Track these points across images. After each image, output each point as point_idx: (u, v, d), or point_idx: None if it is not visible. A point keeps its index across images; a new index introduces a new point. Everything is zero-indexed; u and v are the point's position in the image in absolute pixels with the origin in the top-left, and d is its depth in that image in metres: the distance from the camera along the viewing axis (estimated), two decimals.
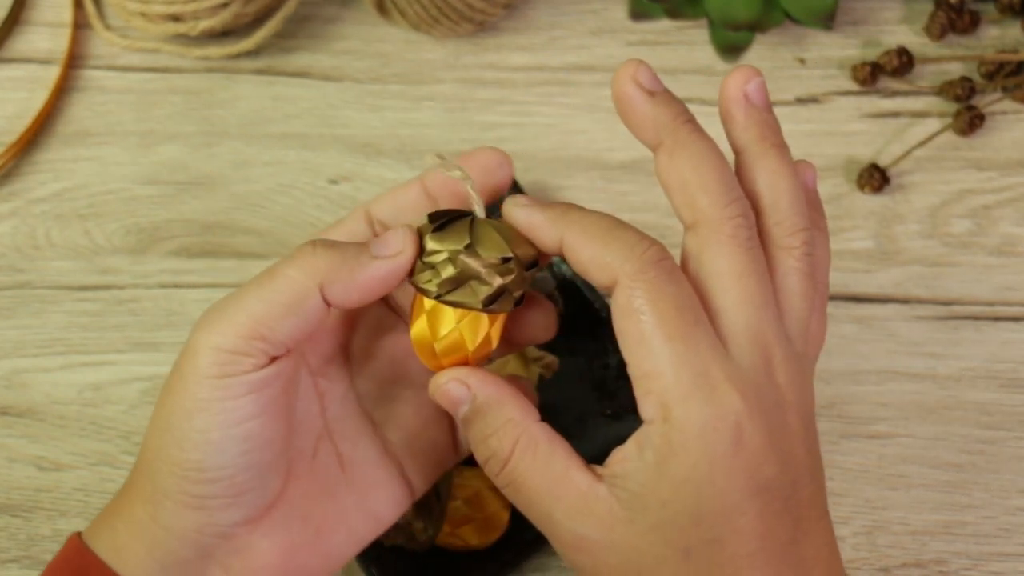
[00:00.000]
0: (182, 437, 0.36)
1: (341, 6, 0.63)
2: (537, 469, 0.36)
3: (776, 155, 0.39)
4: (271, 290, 0.36)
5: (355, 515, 0.41)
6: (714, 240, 0.37)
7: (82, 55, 0.63)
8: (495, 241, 0.36)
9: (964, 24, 0.61)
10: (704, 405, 0.35)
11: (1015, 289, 0.56)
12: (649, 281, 0.35)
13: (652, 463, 0.35)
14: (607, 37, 0.62)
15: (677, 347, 0.35)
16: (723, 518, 0.35)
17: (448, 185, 0.40)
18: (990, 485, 0.53)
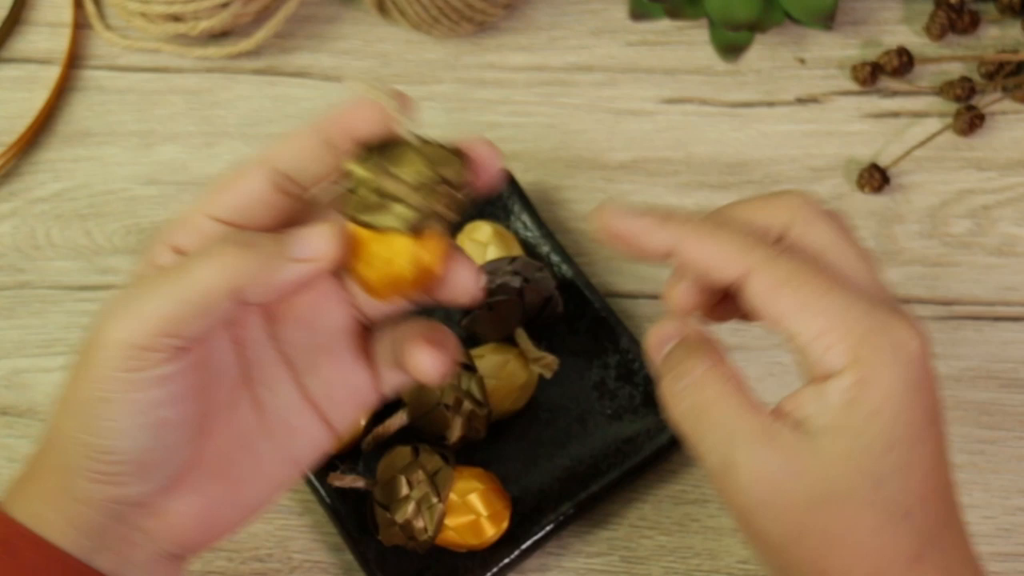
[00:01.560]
0: (90, 424, 0.36)
1: (341, 6, 0.63)
2: (721, 395, 0.38)
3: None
4: (184, 289, 0.35)
5: (273, 463, 0.40)
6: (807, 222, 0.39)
7: (82, 55, 0.63)
8: (418, 164, 0.35)
9: (964, 24, 0.61)
10: (889, 336, 0.37)
11: (1015, 289, 0.56)
12: (788, 258, 0.37)
13: (839, 403, 0.36)
14: (607, 37, 0.62)
15: (846, 295, 0.37)
16: (911, 445, 0.37)
17: (349, 130, 0.37)
18: (990, 485, 0.53)
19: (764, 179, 0.59)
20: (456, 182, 0.36)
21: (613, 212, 0.39)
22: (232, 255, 0.35)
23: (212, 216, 0.38)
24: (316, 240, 0.36)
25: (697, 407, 0.38)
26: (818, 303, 0.37)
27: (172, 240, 0.38)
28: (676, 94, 0.61)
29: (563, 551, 0.53)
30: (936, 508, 0.38)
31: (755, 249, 0.38)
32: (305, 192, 0.38)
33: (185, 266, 0.35)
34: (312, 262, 0.36)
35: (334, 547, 0.53)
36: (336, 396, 0.41)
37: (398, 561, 0.51)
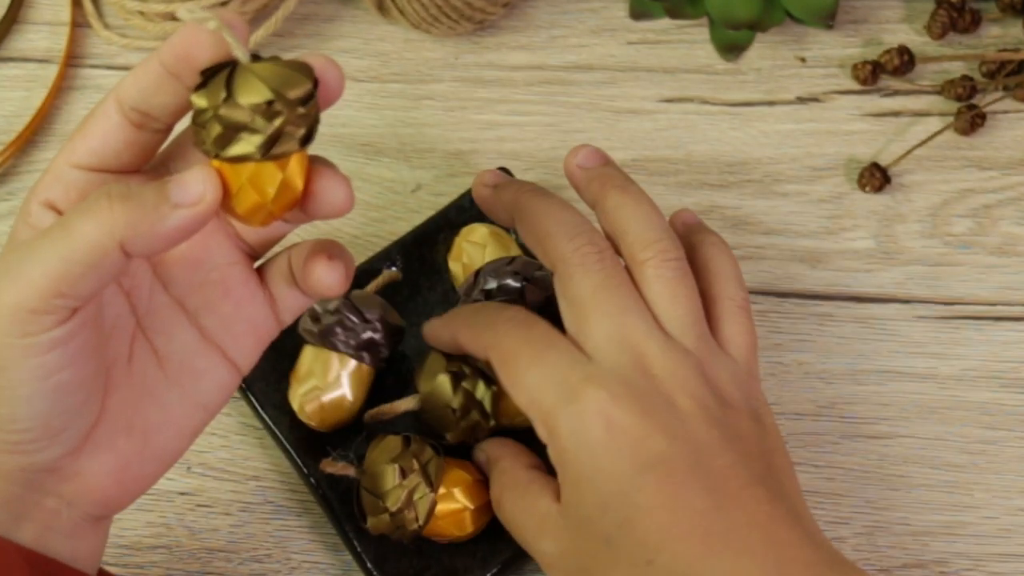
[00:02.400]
0: None
1: (340, 5, 0.63)
2: (516, 505, 0.43)
3: (616, 193, 0.45)
4: (68, 248, 0.34)
5: (181, 410, 0.40)
6: (566, 274, 0.43)
7: (81, 54, 0.63)
8: (255, 85, 0.34)
9: (965, 23, 0.61)
10: (568, 405, 0.39)
11: (1017, 289, 0.56)
12: (498, 339, 0.43)
13: (561, 477, 0.40)
14: (607, 36, 0.62)
15: (535, 372, 0.41)
16: (623, 498, 0.39)
17: (185, 55, 0.36)
18: (992, 485, 0.53)
19: (764, 178, 0.59)
20: (298, 98, 0.35)
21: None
22: (112, 209, 0.34)
23: (75, 164, 0.37)
24: (193, 183, 0.35)
25: (503, 518, 0.45)
26: (519, 379, 0.42)
27: (42, 195, 0.37)
28: (676, 93, 0.61)
29: None
30: (687, 545, 0.38)
31: (488, 329, 0.44)
32: (161, 124, 0.38)
33: (66, 224, 0.34)
34: (194, 206, 0.35)
35: (333, 547, 0.53)
36: (236, 331, 0.41)
37: (397, 561, 0.50)
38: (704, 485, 0.39)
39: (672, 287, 0.43)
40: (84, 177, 0.37)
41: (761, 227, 0.58)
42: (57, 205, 0.37)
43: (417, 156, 0.60)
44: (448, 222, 0.56)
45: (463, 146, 0.60)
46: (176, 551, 0.51)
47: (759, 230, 0.58)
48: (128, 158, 0.38)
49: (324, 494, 0.51)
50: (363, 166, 0.60)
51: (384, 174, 0.60)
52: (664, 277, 0.43)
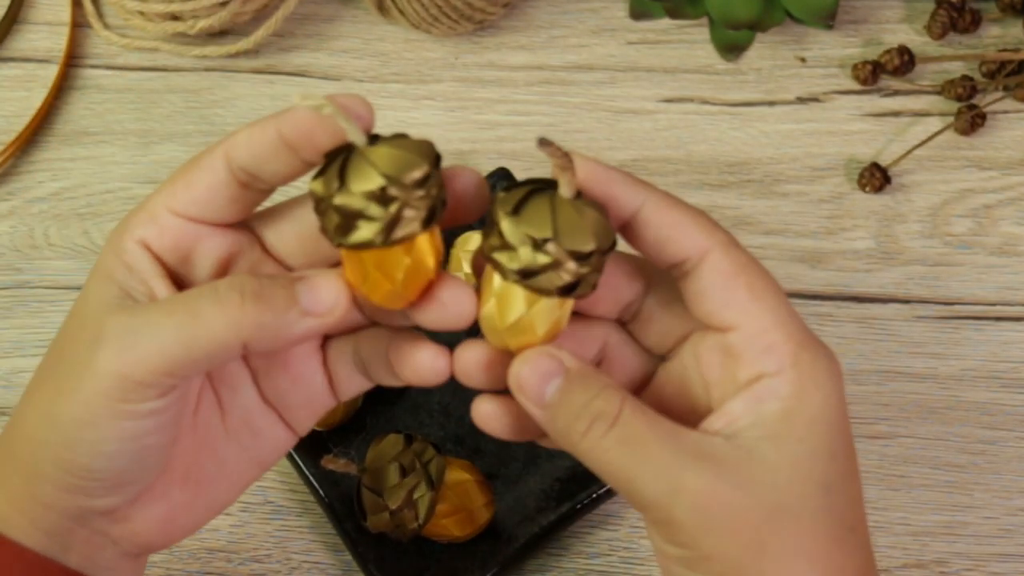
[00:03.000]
0: (72, 442, 0.35)
1: (340, 5, 0.63)
2: (648, 423, 0.35)
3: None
4: (191, 336, 0.34)
5: (236, 465, 0.40)
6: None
7: (81, 54, 0.63)
8: (367, 172, 0.34)
9: (965, 23, 0.61)
10: (822, 349, 0.36)
11: (1016, 289, 0.56)
12: (744, 250, 0.36)
13: (780, 409, 0.35)
14: (607, 36, 0.62)
15: (787, 303, 0.36)
16: (848, 456, 0.36)
17: (305, 131, 0.36)
18: (991, 485, 0.53)
19: (764, 178, 0.59)
20: (414, 181, 0.34)
21: (582, 159, 0.36)
22: (244, 308, 0.34)
23: (175, 211, 0.37)
24: (325, 292, 0.35)
25: (629, 444, 0.35)
26: (768, 299, 0.36)
27: (137, 233, 0.37)
28: (676, 93, 0.61)
29: (563, 551, 0.53)
30: (865, 527, 0.37)
31: (717, 231, 0.36)
32: (268, 186, 0.37)
33: (193, 309, 0.34)
34: (323, 317, 0.35)
35: (333, 547, 0.53)
36: (293, 401, 0.41)
37: (397, 561, 0.50)
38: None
39: None
40: (181, 225, 0.37)
41: (761, 227, 0.58)
42: (151, 246, 0.37)
43: None
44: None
45: (463, 146, 0.60)
46: (176, 551, 0.51)
47: (759, 230, 0.58)
48: (229, 214, 0.38)
49: (324, 494, 0.51)
50: None
51: None
52: None
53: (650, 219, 0.36)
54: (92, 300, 0.36)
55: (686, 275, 0.36)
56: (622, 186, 0.36)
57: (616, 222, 0.36)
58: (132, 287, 0.36)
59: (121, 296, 0.36)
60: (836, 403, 0.36)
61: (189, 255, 0.38)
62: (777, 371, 0.35)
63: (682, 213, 0.36)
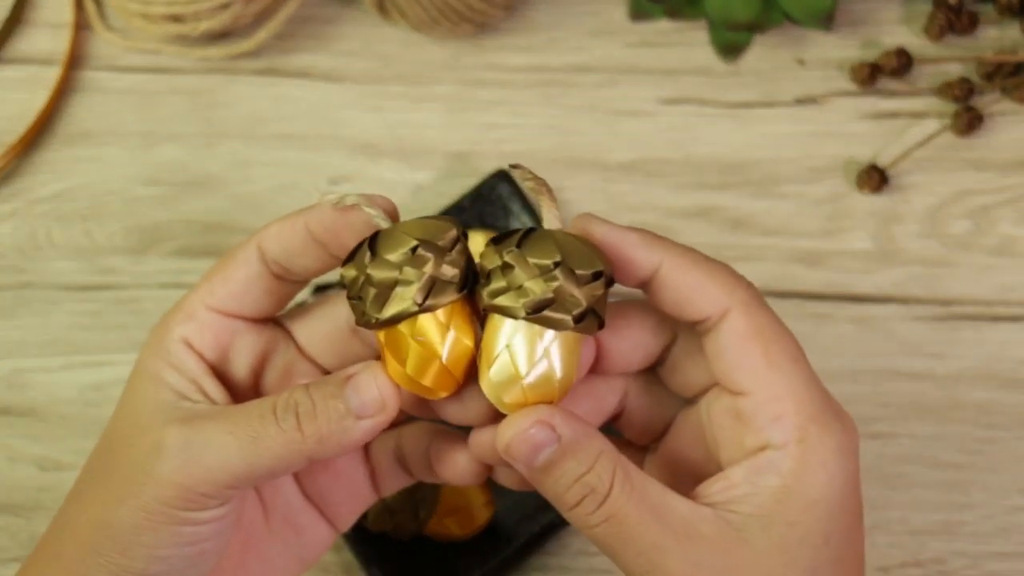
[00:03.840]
0: (128, 547, 0.35)
1: (341, 7, 0.63)
2: (637, 499, 0.34)
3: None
4: (255, 456, 0.35)
5: (280, 562, 0.40)
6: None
7: (83, 56, 0.63)
8: (399, 238, 0.34)
9: (963, 25, 0.61)
10: (838, 423, 0.35)
11: (1014, 289, 0.56)
12: (768, 310, 0.35)
13: (777, 486, 0.34)
14: (607, 38, 0.62)
15: (805, 370, 0.35)
16: (845, 539, 0.35)
17: (332, 228, 0.37)
18: (989, 485, 0.53)
19: (763, 180, 0.59)
20: (445, 244, 0.34)
21: (597, 220, 0.36)
22: (302, 431, 0.35)
23: (213, 308, 0.38)
24: (370, 392, 0.35)
25: (614, 524, 0.34)
26: (784, 366, 0.35)
27: (178, 333, 0.37)
28: (675, 95, 0.61)
29: (563, 551, 0.53)
30: None
31: (737, 289, 0.35)
32: (301, 279, 0.38)
33: (256, 433, 0.35)
34: (376, 416, 0.35)
35: (334, 547, 0.53)
36: (335, 498, 0.41)
37: (397, 561, 0.51)
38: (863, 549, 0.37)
39: None
40: (219, 321, 0.38)
41: (760, 228, 0.58)
42: (193, 344, 0.37)
43: (417, 157, 0.60)
44: None
45: (463, 147, 0.60)
46: None
47: (758, 231, 0.58)
48: (265, 307, 0.38)
49: None
50: (364, 167, 0.60)
51: (384, 175, 0.60)
52: None
53: (668, 280, 0.35)
54: (144, 404, 0.37)
55: (707, 332, 0.36)
56: (639, 248, 0.35)
57: (634, 282, 0.36)
58: (183, 388, 0.37)
59: (175, 399, 0.36)
60: (841, 483, 0.34)
61: (227, 352, 0.38)
62: (782, 444, 0.34)
63: (702, 272, 0.35)
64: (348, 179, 0.60)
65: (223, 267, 0.38)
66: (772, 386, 0.35)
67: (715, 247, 0.58)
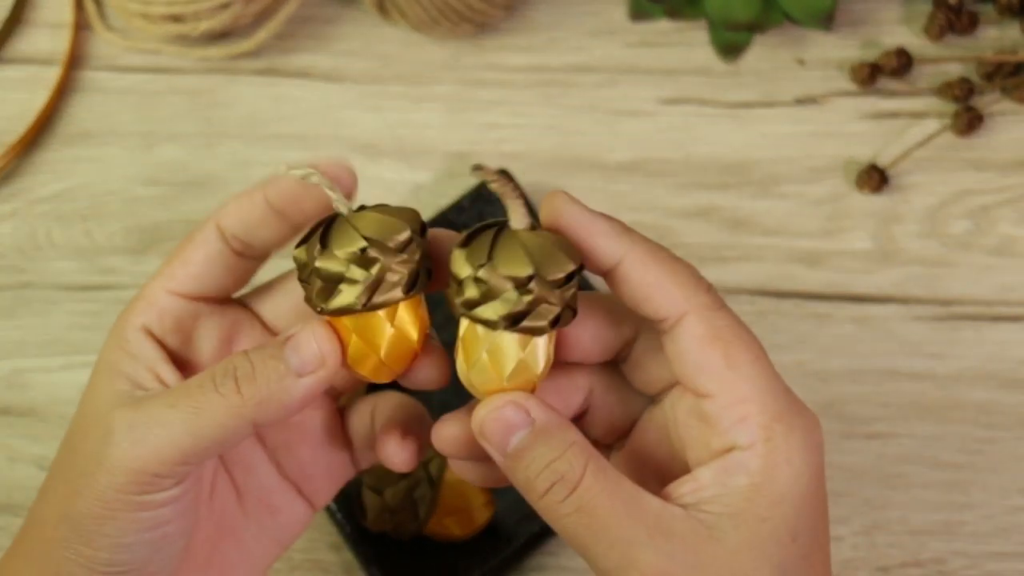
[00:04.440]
0: (91, 537, 0.35)
1: (341, 7, 0.63)
2: (609, 490, 0.34)
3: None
4: (198, 426, 0.34)
5: (257, 546, 0.40)
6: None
7: (83, 56, 0.63)
8: (349, 235, 0.34)
9: (963, 25, 0.61)
10: (800, 420, 0.35)
11: (1014, 289, 0.57)
12: (727, 311, 0.35)
13: (746, 485, 0.34)
14: (607, 38, 0.62)
15: (767, 369, 0.35)
16: (813, 535, 0.35)
17: (291, 197, 0.37)
18: (989, 485, 0.53)
19: (763, 179, 0.59)
20: (396, 244, 0.34)
21: (568, 201, 0.35)
22: (241, 393, 0.35)
23: (174, 291, 0.37)
24: (309, 347, 0.35)
25: (586, 514, 0.34)
26: (745, 368, 0.35)
27: (137, 321, 0.37)
28: (675, 95, 0.61)
29: (563, 551, 0.53)
30: None
31: (698, 292, 0.35)
32: (261, 254, 0.38)
33: (195, 401, 0.35)
34: (317, 372, 0.35)
35: (334, 547, 0.53)
36: (312, 473, 0.41)
37: (397, 560, 0.51)
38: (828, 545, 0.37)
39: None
40: (181, 305, 0.37)
41: (760, 228, 0.58)
42: (153, 331, 0.37)
43: (417, 157, 0.60)
44: (448, 223, 0.56)
45: (463, 147, 0.60)
46: None
47: (758, 231, 0.58)
48: (226, 285, 0.38)
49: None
50: (364, 167, 0.60)
51: (384, 175, 0.60)
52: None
53: (629, 275, 0.35)
54: (100, 395, 0.37)
55: (666, 333, 0.35)
56: (604, 238, 0.35)
57: (594, 269, 0.35)
58: (139, 376, 0.37)
59: (131, 388, 0.36)
60: (807, 480, 0.35)
61: (191, 335, 0.38)
62: (748, 444, 0.34)
63: (662, 271, 0.35)
64: None
65: (181, 250, 0.38)
66: (735, 388, 0.34)
67: (715, 247, 0.58)
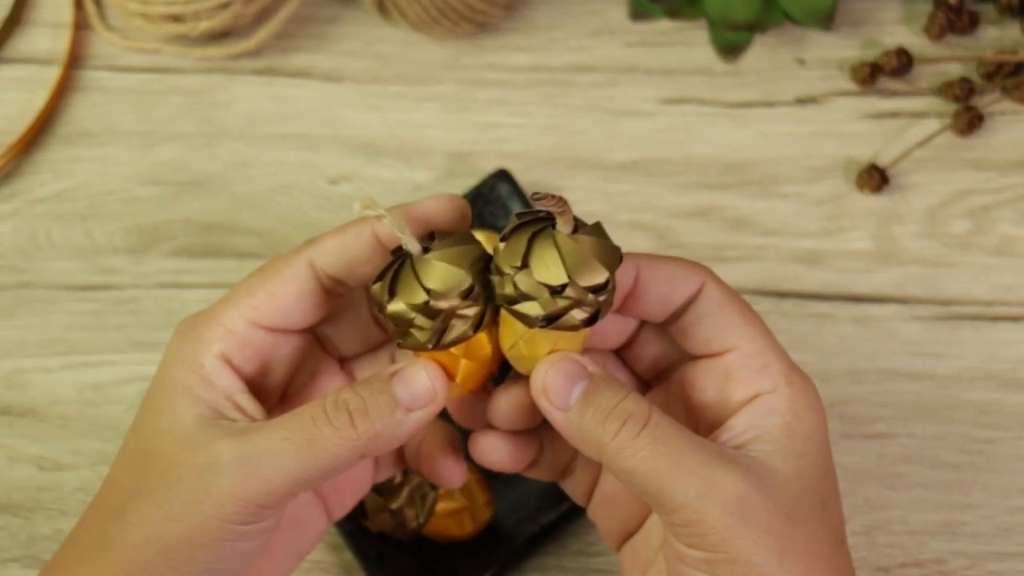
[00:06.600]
0: (181, 562, 0.36)
1: (341, 6, 0.63)
2: (677, 427, 0.36)
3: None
4: (312, 459, 0.35)
5: (284, 561, 0.41)
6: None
7: (83, 55, 0.63)
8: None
9: (963, 24, 0.61)
10: (805, 374, 0.38)
11: (1014, 289, 0.56)
12: (727, 286, 0.39)
13: (780, 424, 0.37)
14: (607, 38, 0.62)
15: (771, 333, 0.39)
16: (834, 476, 0.38)
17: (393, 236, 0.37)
18: (989, 484, 0.53)
19: (763, 179, 0.59)
20: (462, 293, 0.35)
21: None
22: (356, 428, 0.35)
23: (256, 323, 0.38)
24: (418, 383, 0.36)
25: (663, 444, 0.35)
26: (758, 325, 0.38)
27: (215, 348, 0.37)
28: (675, 94, 0.61)
29: (562, 551, 0.53)
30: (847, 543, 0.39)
31: (703, 267, 0.39)
32: (350, 290, 0.39)
33: (310, 436, 0.35)
34: (427, 407, 0.36)
35: (334, 547, 0.53)
36: (342, 487, 0.42)
37: (398, 561, 0.51)
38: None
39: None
40: (262, 337, 0.38)
41: (760, 228, 0.58)
42: (232, 359, 0.38)
43: (417, 157, 0.60)
44: None
45: (463, 147, 0.60)
46: None
47: (758, 231, 0.58)
48: (313, 319, 0.39)
49: None
50: (363, 167, 0.60)
51: (384, 175, 0.60)
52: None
53: (649, 279, 0.38)
54: (180, 418, 0.37)
55: (684, 311, 0.38)
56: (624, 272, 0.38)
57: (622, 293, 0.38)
58: (219, 404, 0.37)
59: (212, 415, 0.37)
60: (825, 426, 0.38)
61: (268, 364, 0.39)
62: (773, 389, 0.37)
63: (668, 264, 0.38)
64: (348, 179, 0.60)
65: (267, 282, 0.38)
66: (754, 341, 0.38)
67: (715, 247, 0.58)
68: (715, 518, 0.35)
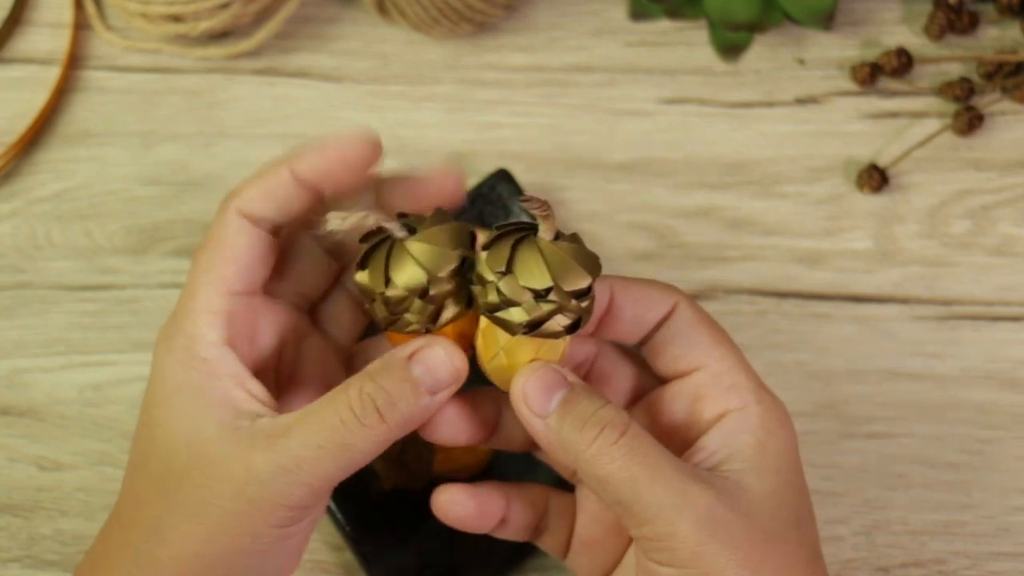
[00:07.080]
0: (231, 570, 0.36)
1: (341, 6, 0.63)
2: (652, 440, 0.36)
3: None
4: (348, 460, 0.36)
5: (286, 560, 0.41)
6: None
7: (83, 55, 0.63)
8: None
9: (963, 24, 0.61)
10: (775, 397, 0.39)
11: (1014, 289, 0.57)
12: (698, 306, 0.40)
13: (752, 442, 0.37)
14: (607, 38, 0.62)
15: (741, 353, 0.39)
16: (806, 492, 0.38)
17: (326, 167, 0.38)
18: (989, 485, 0.53)
19: (763, 179, 0.59)
20: (453, 271, 0.36)
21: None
22: (387, 422, 0.36)
23: (231, 292, 0.38)
24: (441, 367, 0.37)
25: (639, 454, 0.35)
26: (728, 345, 0.39)
27: (212, 335, 0.38)
28: (675, 94, 0.61)
29: None
30: (823, 558, 0.39)
31: (676, 289, 0.40)
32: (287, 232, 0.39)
33: (343, 440, 0.36)
34: (452, 384, 0.37)
35: (334, 547, 0.53)
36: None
37: (398, 560, 0.51)
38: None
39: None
40: (244, 303, 0.39)
41: (760, 228, 0.58)
42: (227, 339, 0.38)
43: (417, 157, 0.60)
44: None
45: (463, 147, 0.60)
46: None
47: (758, 231, 0.58)
48: (269, 270, 0.39)
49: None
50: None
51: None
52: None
53: (624, 300, 0.39)
54: (200, 427, 0.37)
55: (655, 332, 0.39)
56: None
57: (597, 315, 0.39)
58: (231, 395, 0.37)
59: (230, 416, 0.37)
60: (796, 444, 0.38)
61: (255, 336, 0.39)
62: (743, 407, 0.38)
63: (641, 285, 0.39)
64: None
65: (216, 251, 0.38)
66: (723, 360, 0.39)
67: (715, 247, 0.58)
68: (686, 531, 0.35)
